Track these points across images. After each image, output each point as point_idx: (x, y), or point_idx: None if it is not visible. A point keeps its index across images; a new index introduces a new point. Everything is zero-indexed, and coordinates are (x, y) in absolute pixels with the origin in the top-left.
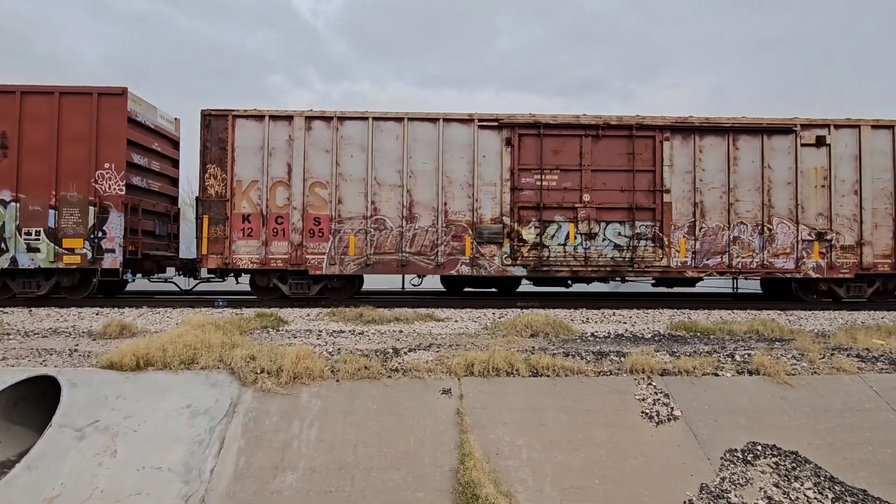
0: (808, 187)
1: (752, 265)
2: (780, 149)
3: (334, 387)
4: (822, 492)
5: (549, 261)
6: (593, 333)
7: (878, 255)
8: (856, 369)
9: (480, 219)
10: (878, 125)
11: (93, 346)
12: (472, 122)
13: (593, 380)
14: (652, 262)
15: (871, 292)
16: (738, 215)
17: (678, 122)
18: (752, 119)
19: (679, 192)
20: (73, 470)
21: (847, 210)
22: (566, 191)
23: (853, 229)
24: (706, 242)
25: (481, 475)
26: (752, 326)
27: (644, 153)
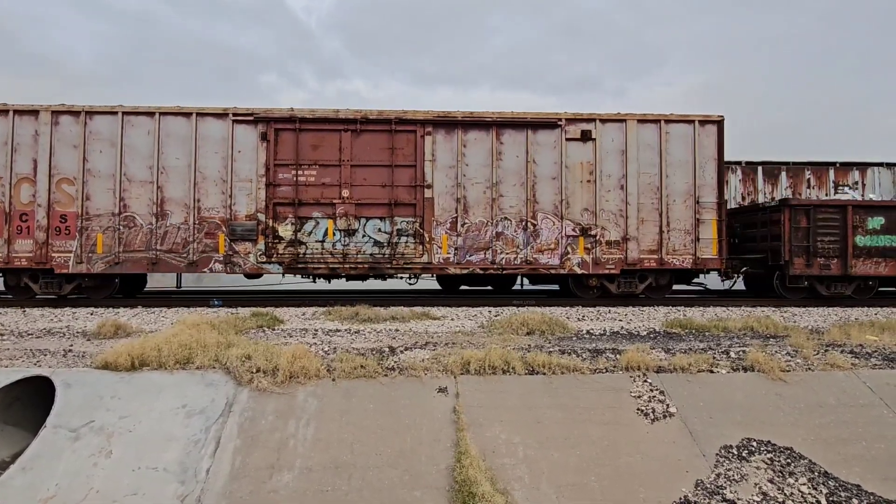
0: (573, 182)
1: (517, 261)
2: (546, 143)
3: (330, 386)
4: (817, 487)
5: (305, 258)
6: (589, 331)
7: (645, 251)
8: (849, 365)
9: (235, 216)
10: (646, 119)
11: (87, 347)
12: (227, 117)
13: (589, 377)
14: (413, 259)
15: (643, 287)
16: (503, 211)
17: (441, 116)
18: (516, 113)
19: (442, 188)
20: (69, 470)
21: (613, 205)
22: (325, 186)
23: (619, 225)
24: (469, 238)
25: (478, 473)
26: (747, 323)
27: (405, 148)
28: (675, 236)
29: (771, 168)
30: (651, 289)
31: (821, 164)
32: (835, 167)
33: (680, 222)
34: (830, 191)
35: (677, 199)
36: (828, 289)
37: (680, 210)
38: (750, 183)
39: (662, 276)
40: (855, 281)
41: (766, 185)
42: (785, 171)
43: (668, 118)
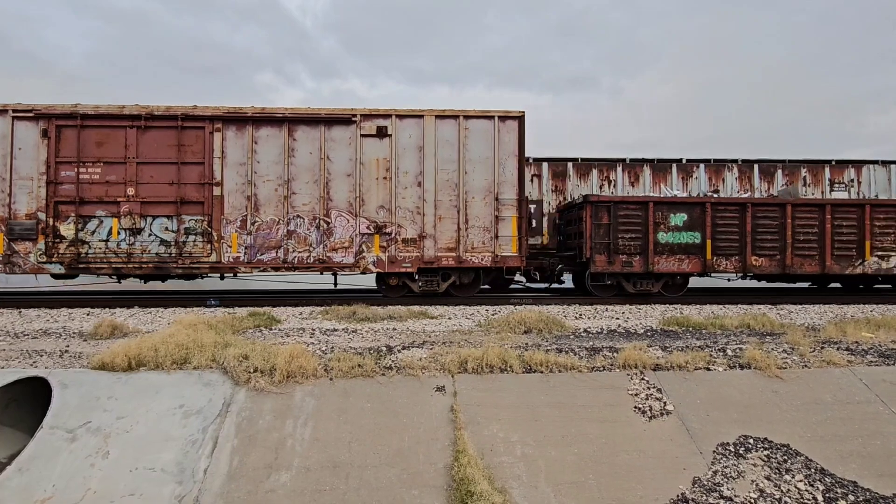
0: (369, 179)
1: (310, 260)
2: (341, 140)
3: (328, 385)
4: (813, 484)
5: (87, 257)
6: (586, 329)
7: (443, 249)
8: (846, 362)
9: (14, 214)
10: (444, 115)
11: (84, 347)
12: (6, 114)
13: (586, 375)
14: (201, 258)
15: (446, 286)
16: (295, 209)
17: (231, 112)
18: (310, 109)
19: (232, 185)
20: (66, 471)
21: (410, 202)
22: (110, 185)
23: (416, 222)
24: (260, 237)
25: (475, 472)
26: (744, 321)
27: (194, 145)
28: (474, 234)
29: (767, 166)
30: (456, 287)
31: (817, 161)
32: (830, 165)
33: (479, 220)
34: (826, 189)
35: (477, 196)
36: (634, 286)
37: (479, 207)
38: (746, 181)
39: (466, 275)
40: (662, 278)
41: (762, 184)
42: (781, 169)
43: (468, 114)
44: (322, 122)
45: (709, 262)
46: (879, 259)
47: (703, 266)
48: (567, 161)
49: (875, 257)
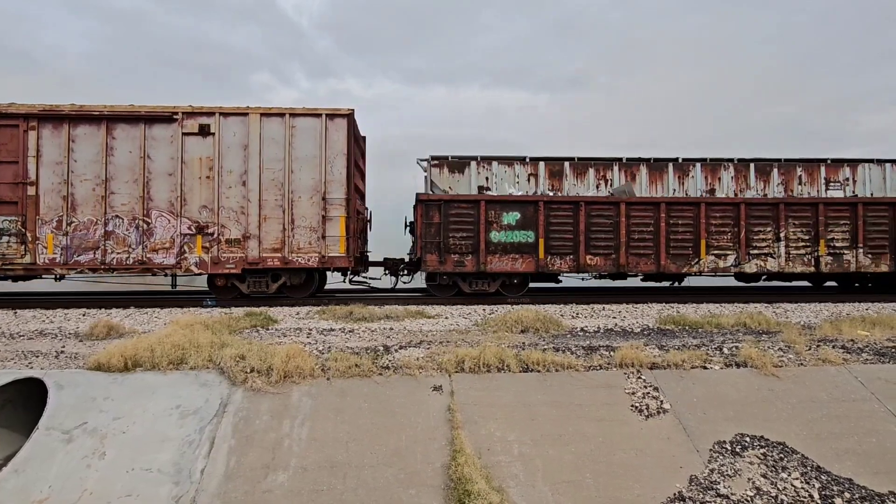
0: (191, 178)
1: (129, 261)
2: (162, 138)
3: (325, 385)
4: (809, 481)
5: None
6: (583, 328)
7: (268, 249)
8: (841, 360)
9: None
10: (270, 113)
11: (80, 348)
12: None
13: (583, 374)
14: (14, 259)
15: (276, 287)
16: (114, 209)
17: (47, 110)
18: (129, 107)
19: (48, 185)
20: (62, 472)
21: (234, 202)
22: None
23: (241, 222)
24: (77, 238)
25: (473, 471)
26: (740, 319)
27: (9, 143)
28: (300, 234)
29: (763, 165)
30: (287, 288)
31: (812, 160)
32: (826, 164)
33: (306, 220)
34: (822, 187)
35: (304, 195)
36: (470, 286)
37: (306, 207)
38: (742, 180)
39: (296, 276)
40: (499, 277)
41: (758, 183)
42: (776, 168)
43: (295, 112)
44: (143, 121)
45: (542, 262)
46: (716, 258)
47: (536, 265)
48: (564, 160)
49: (712, 256)
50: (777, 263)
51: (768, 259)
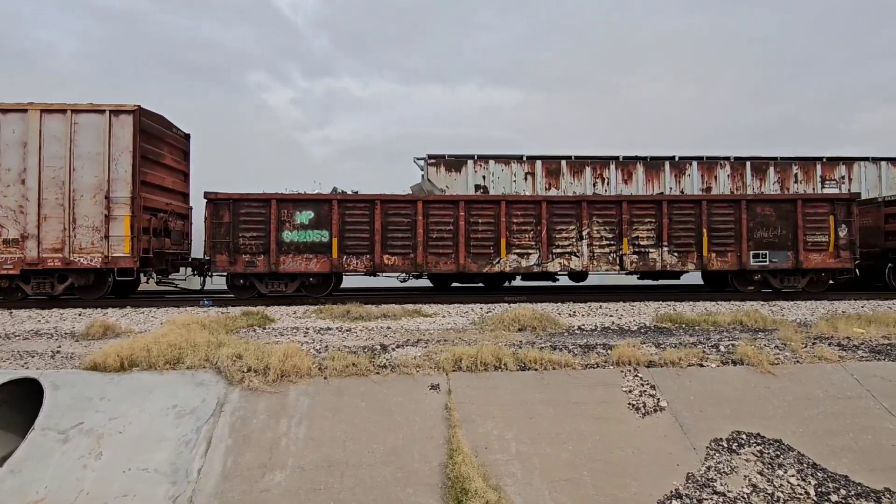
0: None
1: None
2: None
3: (322, 384)
4: (805, 479)
5: None
6: (580, 327)
7: (48, 250)
8: (837, 358)
9: None
10: (51, 109)
11: (76, 348)
12: None
13: (580, 372)
14: None
15: (62, 288)
16: None
17: None
18: None
19: None
20: (58, 473)
21: (13, 201)
22: None
23: (20, 222)
24: None
25: (470, 470)
26: (736, 317)
27: None
28: (83, 234)
29: (759, 163)
30: (77, 289)
31: (808, 159)
32: (822, 162)
33: (88, 219)
34: (818, 185)
35: (86, 194)
36: (266, 287)
37: (89, 206)
38: (739, 178)
39: (83, 276)
40: (297, 277)
41: (754, 181)
42: (773, 166)
43: (77, 108)
44: None
45: (336, 262)
46: (518, 257)
47: (331, 265)
48: (561, 159)
49: (514, 255)
50: (581, 262)
51: (572, 258)
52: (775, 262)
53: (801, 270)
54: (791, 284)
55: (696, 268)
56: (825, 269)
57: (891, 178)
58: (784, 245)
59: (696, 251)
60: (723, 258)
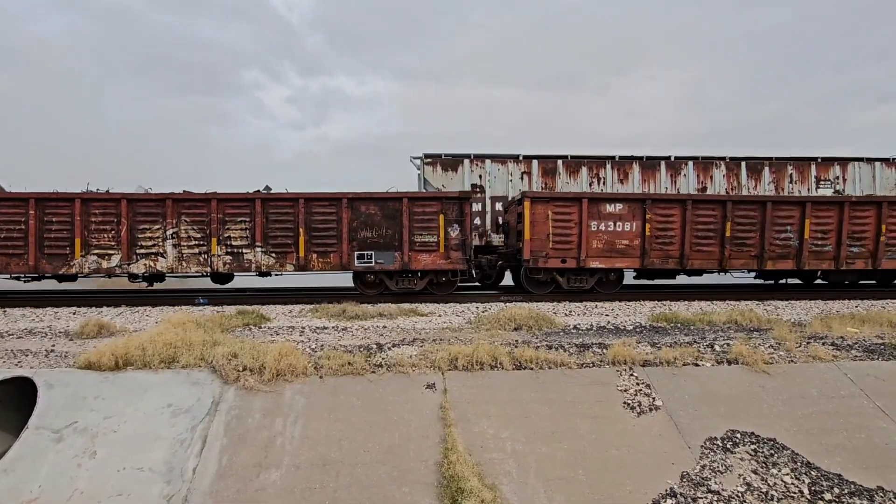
0: None
1: None
2: None
3: (318, 383)
4: (800, 477)
5: None
6: (576, 326)
7: None
8: (831, 357)
9: None
10: None
11: (70, 347)
12: None
13: (576, 372)
14: None
15: None
16: None
17: None
18: None
19: None
20: (52, 472)
21: None
22: None
23: None
24: None
25: (466, 469)
26: (731, 317)
27: None
28: None
29: (755, 163)
30: None
31: (803, 159)
32: (816, 162)
33: None
34: (812, 185)
35: None
36: None
37: None
38: (734, 178)
39: None
40: None
41: (749, 181)
42: (768, 166)
43: None
44: None
45: None
46: (99, 258)
47: None
48: (557, 158)
49: (94, 256)
50: (166, 264)
51: (158, 259)
52: (381, 263)
53: (420, 272)
54: (407, 286)
55: (295, 268)
56: (436, 271)
57: (885, 178)
58: (391, 245)
59: (294, 251)
60: (325, 259)
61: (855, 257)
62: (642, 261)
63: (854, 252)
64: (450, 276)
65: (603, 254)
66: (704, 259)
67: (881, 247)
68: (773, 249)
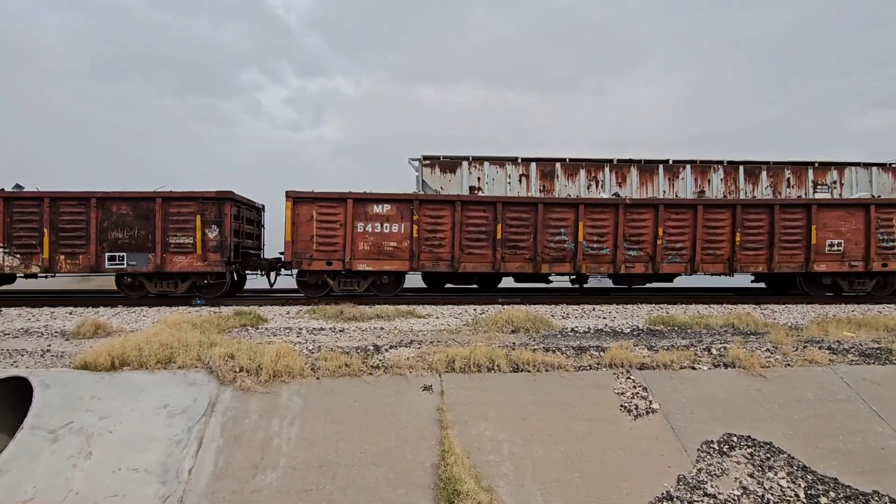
0: None
1: None
2: None
3: (315, 384)
4: (795, 481)
5: None
6: (573, 328)
7: None
8: (827, 361)
9: None
10: None
11: (66, 347)
12: None
13: (573, 374)
14: None
15: None
16: None
17: None
18: None
19: None
20: (47, 472)
21: None
22: None
23: None
24: None
25: (462, 471)
26: (728, 320)
27: None
28: None
29: (752, 167)
30: None
31: (800, 163)
32: (814, 167)
33: None
34: (809, 189)
35: None
36: None
37: None
38: (731, 182)
39: None
40: None
41: (747, 184)
42: (765, 170)
43: None
44: None
45: None
46: None
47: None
48: (555, 161)
49: None
50: None
51: None
52: (134, 265)
53: (179, 274)
54: (166, 289)
55: (41, 270)
56: (196, 273)
57: (881, 183)
58: (144, 247)
59: (39, 252)
60: (73, 260)
61: (634, 261)
62: (411, 263)
63: (633, 255)
64: (210, 278)
65: (370, 256)
66: (477, 262)
67: (659, 251)
68: (548, 252)
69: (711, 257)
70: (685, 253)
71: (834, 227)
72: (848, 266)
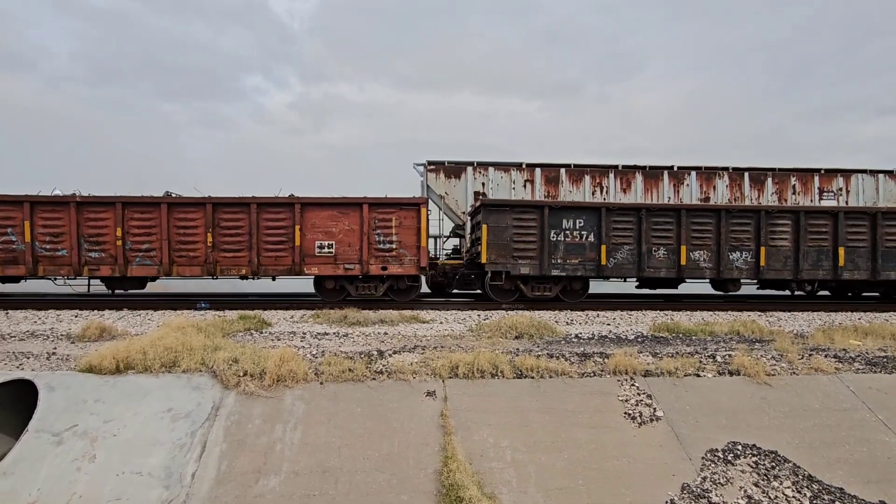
0: None
1: None
2: None
3: (318, 389)
4: (801, 490)
5: None
6: (577, 335)
7: None
8: (833, 369)
9: None
10: None
11: (71, 350)
12: None
13: (577, 381)
14: None
15: None
16: None
17: None
18: None
19: None
20: (51, 475)
21: None
22: None
23: None
24: None
25: (465, 477)
26: (733, 327)
27: None
28: None
29: (757, 174)
30: None
31: (806, 170)
32: (819, 174)
33: None
34: (815, 196)
35: None
36: None
37: None
38: (737, 188)
39: None
40: None
41: (752, 191)
42: (771, 177)
43: None
44: None
45: None
46: None
47: None
48: (560, 167)
49: None
50: None
51: None
52: None
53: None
54: None
55: None
56: None
57: (888, 190)
58: None
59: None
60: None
61: (98, 263)
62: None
63: (95, 257)
64: None
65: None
66: None
67: (123, 252)
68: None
69: None
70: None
71: None
72: None
